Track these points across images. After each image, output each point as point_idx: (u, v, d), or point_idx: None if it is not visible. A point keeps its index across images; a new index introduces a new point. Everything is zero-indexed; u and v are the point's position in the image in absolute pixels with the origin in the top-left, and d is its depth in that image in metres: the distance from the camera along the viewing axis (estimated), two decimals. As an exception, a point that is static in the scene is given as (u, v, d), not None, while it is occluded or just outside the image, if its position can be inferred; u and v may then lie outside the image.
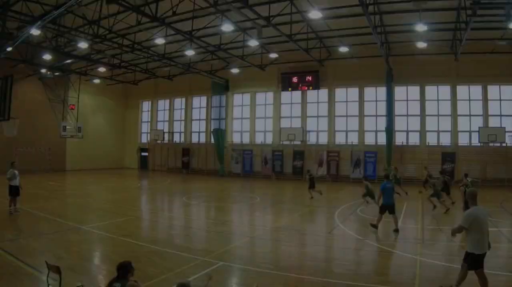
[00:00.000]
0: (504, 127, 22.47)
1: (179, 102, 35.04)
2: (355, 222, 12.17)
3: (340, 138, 27.16)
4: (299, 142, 27.74)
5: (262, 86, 29.91)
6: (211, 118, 31.49)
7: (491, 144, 22.75)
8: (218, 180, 27.44)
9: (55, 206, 14.20)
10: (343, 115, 27.31)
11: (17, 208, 12.52)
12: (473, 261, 5.71)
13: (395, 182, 17.59)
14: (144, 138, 37.51)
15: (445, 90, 24.59)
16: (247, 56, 25.09)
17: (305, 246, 9.42)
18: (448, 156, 23.55)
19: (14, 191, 12.48)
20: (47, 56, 24.37)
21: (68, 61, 25.66)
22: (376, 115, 26.25)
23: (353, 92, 26.90)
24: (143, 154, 36.71)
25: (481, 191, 21.06)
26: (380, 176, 24.99)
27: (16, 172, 12.62)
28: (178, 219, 13.14)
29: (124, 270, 4.38)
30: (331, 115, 27.35)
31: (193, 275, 6.69)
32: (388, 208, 10.13)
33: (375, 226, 10.32)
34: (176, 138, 35.03)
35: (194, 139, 33.68)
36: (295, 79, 27.89)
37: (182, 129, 34.58)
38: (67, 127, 27.22)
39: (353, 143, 26.34)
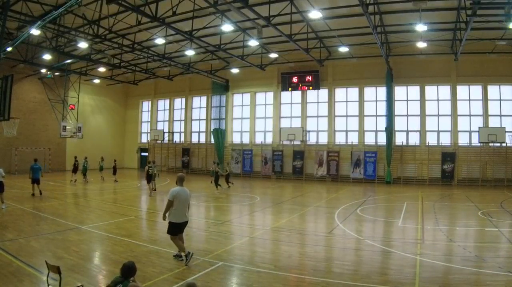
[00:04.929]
0: (504, 127, 22.48)
1: (179, 102, 35.07)
2: (355, 222, 12.17)
3: (340, 138, 27.17)
4: (299, 142, 27.75)
5: (262, 86, 29.93)
6: (211, 118, 31.52)
7: (491, 144, 22.75)
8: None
9: (55, 206, 14.20)
10: (343, 115, 27.33)
11: (2, 203, 13.36)
12: (174, 228, 7.53)
13: (212, 175, 21.67)
14: (144, 138, 37.53)
15: (445, 90, 24.61)
16: (247, 56, 25.09)
17: (305, 246, 9.41)
18: (448, 155, 23.57)
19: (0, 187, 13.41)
20: (47, 56, 24.40)
21: (68, 61, 25.68)
22: (376, 115, 26.27)
23: (353, 92, 26.93)
24: (143, 154, 36.70)
25: (481, 191, 21.07)
26: (380, 175, 25.09)
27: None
28: (178, 219, 13.12)
29: (128, 272, 4.38)
30: (331, 115, 27.35)
31: (193, 276, 6.70)
32: (35, 180, 15.45)
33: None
34: (176, 138, 35.04)
35: (194, 139, 33.69)
36: (295, 79, 27.90)
37: (182, 129, 34.59)
38: (67, 127, 27.19)
39: (353, 143, 26.35)
